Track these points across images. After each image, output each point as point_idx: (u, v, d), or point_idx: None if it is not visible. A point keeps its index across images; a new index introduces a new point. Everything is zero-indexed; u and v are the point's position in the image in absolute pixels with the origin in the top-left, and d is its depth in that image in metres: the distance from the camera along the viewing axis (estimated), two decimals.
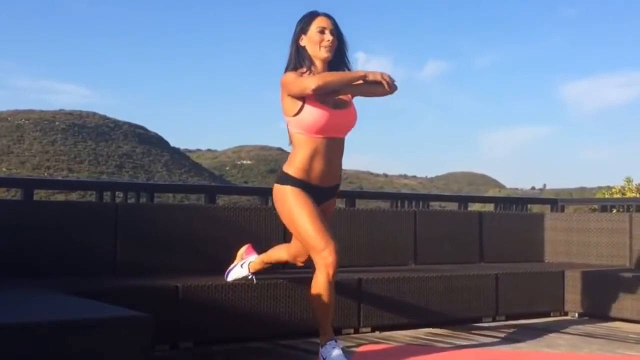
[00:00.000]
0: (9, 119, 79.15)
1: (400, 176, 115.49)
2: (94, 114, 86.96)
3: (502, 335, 4.08)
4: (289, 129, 3.19)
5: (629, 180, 11.91)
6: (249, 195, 6.09)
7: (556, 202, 6.78)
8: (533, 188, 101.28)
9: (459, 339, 3.94)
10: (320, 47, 3.14)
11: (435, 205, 7.45)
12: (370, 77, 3.12)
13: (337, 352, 3.02)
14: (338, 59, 3.21)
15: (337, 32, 3.18)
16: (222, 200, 5.63)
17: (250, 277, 3.66)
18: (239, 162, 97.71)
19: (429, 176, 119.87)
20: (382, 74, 3.12)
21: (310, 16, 3.19)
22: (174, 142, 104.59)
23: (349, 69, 3.23)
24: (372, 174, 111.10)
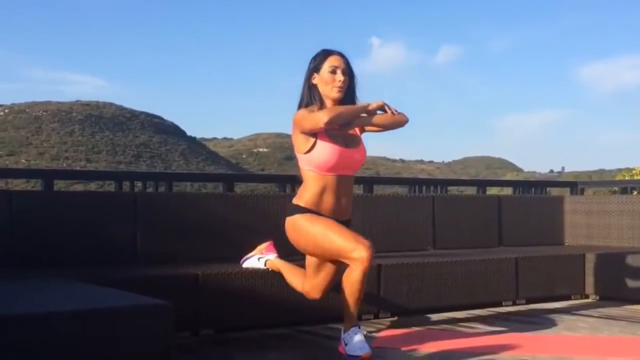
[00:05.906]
0: (27, 110, 79.72)
1: (417, 161, 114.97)
2: (111, 104, 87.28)
3: (523, 319, 4.07)
4: (299, 165, 3.24)
5: None
6: (266, 182, 6.09)
7: (576, 184, 6.73)
8: (551, 171, 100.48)
9: (479, 323, 3.93)
10: (332, 87, 3.18)
11: (453, 189, 7.43)
12: (373, 105, 3.20)
13: (358, 337, 3.02)
14: (348, 97, 3.24)
15: (348, 71, 3.21)
16: (239, 188, 5.64)
17: (265, 269, 3.66)
18: (255, 150, 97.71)
19: (445, 161, 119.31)
20: (382, 101, 3.21)
21: (324, 55, 3.23)
22: (190, 131, 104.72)
23: None
24: (388, 159, 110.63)
